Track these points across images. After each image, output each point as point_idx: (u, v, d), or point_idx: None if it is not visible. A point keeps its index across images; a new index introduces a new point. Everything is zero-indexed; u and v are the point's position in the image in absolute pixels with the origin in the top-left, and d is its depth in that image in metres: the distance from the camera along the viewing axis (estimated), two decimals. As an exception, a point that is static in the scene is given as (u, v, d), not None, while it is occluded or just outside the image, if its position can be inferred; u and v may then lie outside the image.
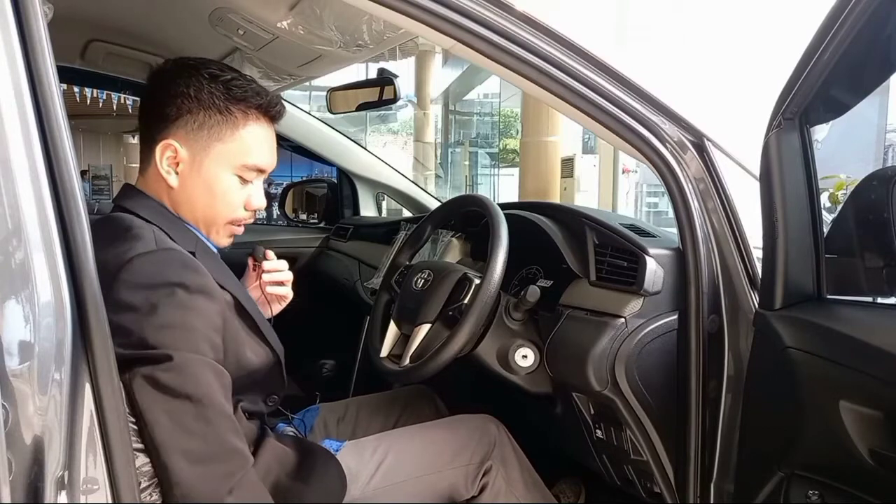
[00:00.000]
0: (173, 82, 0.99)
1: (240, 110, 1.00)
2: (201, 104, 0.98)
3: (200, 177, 1.00)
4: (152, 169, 1.01)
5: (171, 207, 1.02)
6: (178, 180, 1.00)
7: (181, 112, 0.98)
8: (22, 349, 0.64)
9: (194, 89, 0.98)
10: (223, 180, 1.01)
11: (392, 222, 2.26)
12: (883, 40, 0.85)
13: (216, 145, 0.99)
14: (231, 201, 1.02)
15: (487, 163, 18.23)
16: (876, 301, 0.99)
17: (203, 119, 0.98)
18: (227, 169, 1.01)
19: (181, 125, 0.98)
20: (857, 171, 1.24)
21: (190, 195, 1.01)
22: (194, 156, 0.99)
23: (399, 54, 7.19)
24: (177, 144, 0.98)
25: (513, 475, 1.25)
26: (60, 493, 0.66)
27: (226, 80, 0.99)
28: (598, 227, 1.28)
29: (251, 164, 1.02)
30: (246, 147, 1.01)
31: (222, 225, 1.04)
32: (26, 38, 0.67)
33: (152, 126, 1.00)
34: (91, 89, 6.56)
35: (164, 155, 0.99)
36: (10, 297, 0.63)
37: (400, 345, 1.38)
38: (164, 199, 1.02)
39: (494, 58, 1.04)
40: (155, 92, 1.00)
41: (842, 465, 0.89)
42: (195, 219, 1.03)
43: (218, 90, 0.98)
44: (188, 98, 0.98)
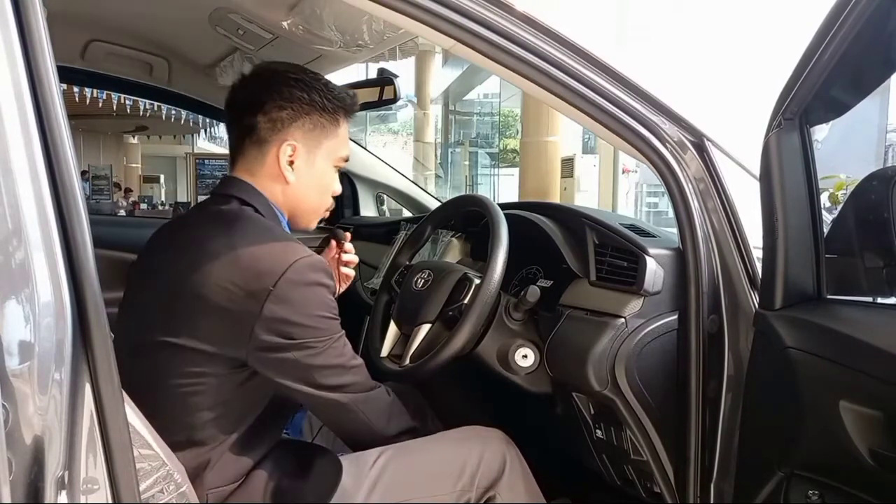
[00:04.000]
0: (284, 89, 1.09)
1: (340, 111, 1.13)
2: (314, 107, 1.10)
3: (313, 172, 1.13)
4: (267, 168, 1.10)
5: (283, 201, 1.12)
6: (294, 176, 1.10)
7: (297, 115, 1.09)
8: (22, 349, 0.64)
9: (307, 94, 1.09)
10: (328, 173, 1.15)
11: (392, 222, 2.26)
12: (883, 40, 0.85)
13: (325, 142, 1.13)
14: (331, 190, 1.18)
15: (487, 163, 18.25)
16: (876, 301, 0.99)
17: (316, 120, 1.11)
18: (331, 162, 1.15)
19: (298, 126, 1.10)
20: (857, 171, 1.24)
21: (302, 188, 1.12)
22: (308, 153, 1.11)
23: (399, 54, 7.19)
24: (297, 144, 1.09)
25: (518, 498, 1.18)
26: (60, 493, 0.66)
27: (325, 83, 1.12)
28: (598, 227, 1.28)
29: (344, 155, 1.17)
30: (343, 141, 1.16)
31: (321, 212, 1.19)
32: (26, 38, 0.67)
33: (262, 129, 1.09)
34: (91, 89, 6.56)
35: (285, 154, 1.09)
36: (10, 297, 0.63)
37: (400, 345, 1.38)
38: (278, 194, 1.12)
39: (494, 58, 1.04)
40: (260, 98, 1.09)
41: (842, 465, 0.89)
42: (300, 209, 1.15)
43: (325, 95, 1.11)
44: (302, 102, 1.09)
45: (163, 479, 0.85)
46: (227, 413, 1.02)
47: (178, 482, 0.89)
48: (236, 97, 1.13)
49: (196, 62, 2.17)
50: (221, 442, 1.02)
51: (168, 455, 0.87)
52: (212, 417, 1.01)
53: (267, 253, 0.99)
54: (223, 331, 0.97)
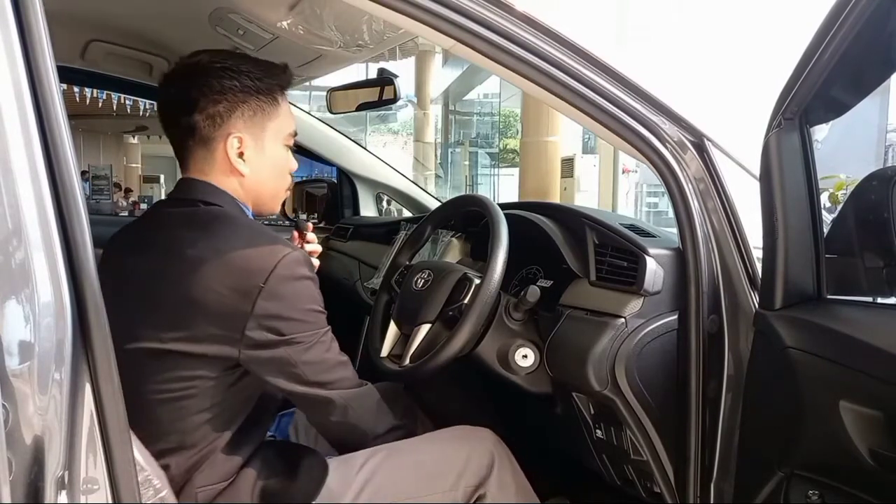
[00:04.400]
0: (213, 81, 1.04)
1: (276, 88, 1.09)
2: (249, 93, 1.06)
3: (265, 157, 1.09)
4: (219, 165, 1.07)
5: (243, 194, 1.10)
6: (248, 168, 1.07)
7: (234, 105, 1.05)
8: (22, 349, 0.64)
9: (237, 81, 1.05)
10: (280, 154, 1.12)
11: (392, 222, 2.26)
12: (883, 40, 0.85)
13: (270, 124, 1.09)
14: (288, 170, 1.15)
15: (487, 163, 18.25)
16: (876, 301, 0.99)
17: (255, 106, 1.07)
18: (280, 142, 1.11)
19: (237, 116, 1.06)
20: (857, 171, 1.24)
21: (260, 177, 1.09)
22: (256, 140, 1.08)
23: (399, 54, 7.20)
24: (242, 135, 1.06)
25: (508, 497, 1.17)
26: (60, 493, 0.66)
27: (252, 62, 1.08)
28: (598, 227, 1.28)
29: (292, 131, 1.13)
30: (286, 118, 1.12)
31: (281, 195, 1.16)
32: (26, 38, 0.67)
33: (203, 127, 1.05)
34: (91, 89, 6.57)
35: (233, 148, 1.06)
36: (10, 297, 0.63)
37: (400, 345, 1.38)
38: (237, 188, 1.09)
39: (494, 58, 1.04)
40: (191, 95, 1.04)
41: (842, 465, 0.89)
42: (262, 197, 1.12)
43: (255, 76, 1.06)
44: (235, 90, 1.04)
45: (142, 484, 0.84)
46: (218, 415, 1.02)
47: (158, 487, 0.89)
48: (167, 98, 1.08)
49: (196, 62, 2.17)
50: (211, 443, 1.02)
51: (148, 460, 0.88)
52: (202, 420, 1.01)
53: (254, 252, 0.98)
54: (216, 332, 0.97)
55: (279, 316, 0.97)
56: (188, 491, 0.99)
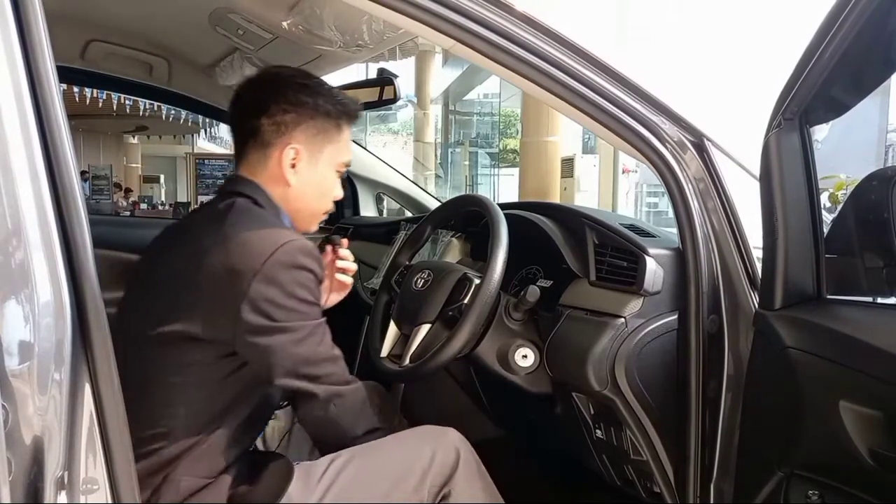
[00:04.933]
0: (289, 92, 1.11)
1: (344, 117, 1.15)
2: (318, 112, 1.12)
3: (315, 175, 1.14)
4: (270, 170, 1.12)
5: (283, 200, 1.14)
6: (296, 179, 1.12)
7: (301, 119, 1.11)
8: (22, 349, 0.64)
9: (312, 99, 1.11)
10: (330, 177, 1.17)
11: (392, 222, 2.26)
12: (883, 40, 0.85)
13: (328, 147, 1.14)
14: (332, 194, 1.19)
15: (487, 163, 18.23)
16: (876, 301, 0.99)
17: (320, 125, 1.13)
18: (333, 167, 1.16)
19: (302, 130, 1.11)
20: (857, 171, 1.24)
21: (303, 191, 1.14)
22: (311, 157, 1.13)
23: (399, 54, 7.17)
24: (300, 147, 1.11)
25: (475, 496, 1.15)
26: (60, 493, 0.66)
27: (329, 89, 1.15)
28: (598, 227, 1.28)
29: (346, 160, 1.19)
30: (345, 147, 1.18)
31: (320, 215, 1.20)
32: (26, 38, 0.67)
33: (267, 131, 1.11)
34: (91, 89, 6.56)
35: (287, 157, 1.11)
36: (10, 297, 0.63)
37: (400, 345, 1.38)
38: (278, 194, 1.13)
39: (494, 58, 1.04)
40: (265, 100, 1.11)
41: (842, 465, 0.89)
42: (299, 211, 1.16)
43: (329, 100, 1.13)
44: (307, 106, 1.11)
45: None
46: (210, 407, 1.04)
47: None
48: (241, 99, 1.15)
49: (196, 62, 2.17)
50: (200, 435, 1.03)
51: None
52: (195, 410, 1.03)
53: (257, 236, 1.01)
54: (213, 312, 0.99)
55: (272, 301, 0.98)
56: (173, 477, 1.01)
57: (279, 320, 0.99)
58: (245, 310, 0.97)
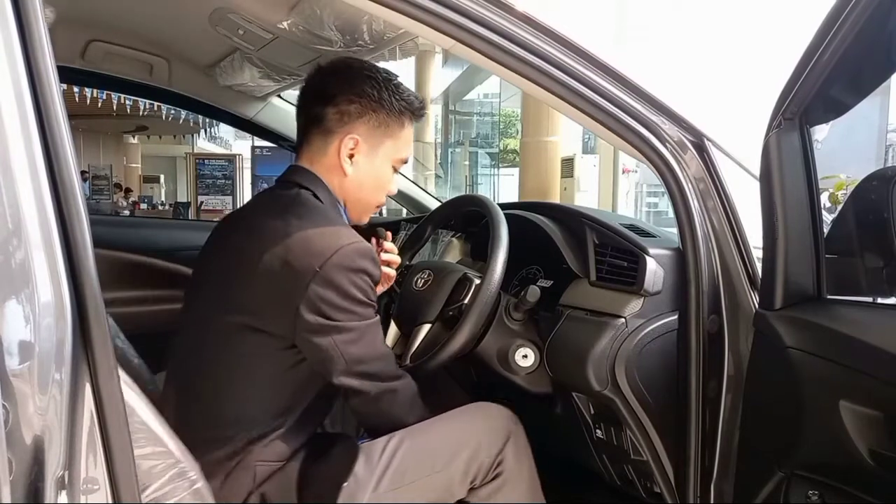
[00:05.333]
0: (357, 83, 1.12)
1: (407, 113, 1.16)
2: (382, 105, 1.13)
3: (371, 167, 1.16)
4: (329, 158, 1.14)
5: (339, 191, 1.16)
6: (353, 169, 1.14)
7: (365, 111, 1.12)
8: (22, 349, 0.64)
9: (377, 92, 1.12)
10: (386, 171, 1.18)
11: (392, 222, 2.26)
12: (883, 40, 0.85)
13: (387, 141, 1.15)
14: (386, 189, 1.20)
15: (487, 163, 18.22)
16: (876, 301, 0.99)
17: (383, 118, 1.13)
18: (390, 161, 1.18)
19: (364, 122, 1.13)
20: (857, 171, 1.24)
21: (360, 182, 1.15)
22: (370, 149, 1.14)
23: (399, 54, 7.18)
24: (360, 138, 1.12)
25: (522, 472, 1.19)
26: (60, 493, 0.66)
27: (396, 84, 1.15)
28: (598, 227, 1.28)
29: (405, 157, 1.20)
30: (405, 143, 1.19)
31: (373, 207, 1.22)
32: (26, 38, 0.67)
33: (330, 119, 1.12)
34: (91, 89, 6.56)
35: (346, 147, 1.12)
36: (10, 297, 0.63)
37: (400, 345, 1.38)
38: (335, 184, 1.15)
39: (494, 58, 1.04)
40: (333, 89, 1.13)
41: (842, 465, 0.89)
42: (356, 201, 1.17)
43: (394, 95, 1.14)
44: (372, 99, 1.12)
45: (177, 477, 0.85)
46: (279, 395, 1.08)
47: (193, 479, 0.89)
48: (309, 87, 1.17)
49: (196, 62, 2.17)
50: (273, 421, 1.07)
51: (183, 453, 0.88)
52: (264, 397, 1.07)
53: (318, 235, 1.04)
54: (273, 308, 1.02)
55: (330, 302, 1.01)
56: (247, 461, 1.04)
57: (336, 320, 1.02)
58: (303, 309, 1.00)
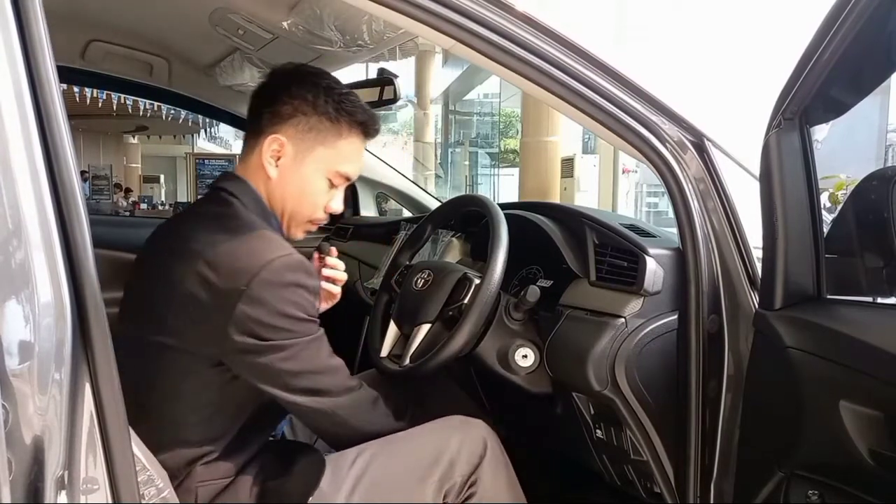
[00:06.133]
0: (293, 85, 1.09)
1: (346, 122, 1.10)
2: (315, 109, 1.08)
3: (298, 174, 1.09)
4: (255, 158, 1.10)
5: (265, 195, 1.10)
6: (277, 173, 1.09)
7: (296, 113, 1.08)
8: (22, 349, 0.64)
9: (312, 95, 1.08)
10: (316, 181, 1.11)
11: (392, 222, 2.26)
12: (883, 40, 0.85)
13: (318, 148, 1.09)
14: (317, 201, 1.12)
15: (487, 163, 18.24)
16: (876, 301, 0.98)
17: (314, 123, 1.08)
18: (322, 172, 1.11)
19: (293, 124, 1.08)
20: (857, 171, 1.24)
21: (284, 188, 1.10)
22: (297, 153, 1.09)
23: (399, 54, 7.18)
24: (284, 140, 1.08)
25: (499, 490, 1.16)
26: (60, 493, 0.66)
27: (339, 92, 1.10)
28: (598, 227, 1.28)
29: (343, 171, 1.12)
30: (342, 155, 1.11)
31: (302, 221, 1.14)
32: (26, 38, 0.67)
33: (264, 120, 1.09)
34: (91, 89, 6.57)
35: (270, 147, 1.08)
36: (10, 297, 0.63)
37: (400, 345, 1.38)
38: (261, 187, 1.10)
39: (494, 58, 1.04)
40: (273, 91, 1.10)
41: (842, 465, 0.89)
42: (281, 210, 1.11)
43: (332, 100, 1.09)
44: (305, 101, 1.08)
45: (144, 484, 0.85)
46: (218, 412, 1.03)
47: (160, 487, 0.89)
48: (257, 90, 1.15)
49: (196, 62, 2.17)
50: (213, 439, 1.03)
51: (150, 460, 0.88)
52: (203, 416, 1.02)
53: (244, 251, 0.97)
54: (200, 329, 0.97)
55: (259, 321, 0.95)
56: (188, 485, 1.00)
57: (269, 339, 0.96)
58: (232, 331, 0.94)
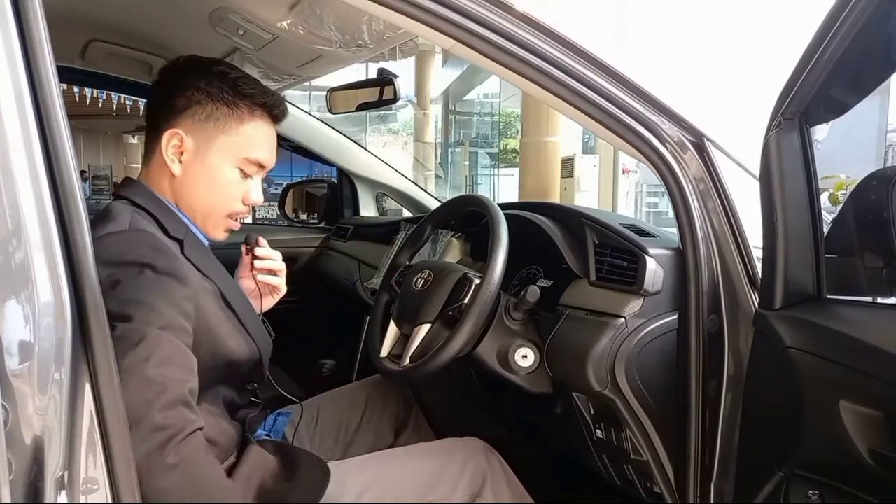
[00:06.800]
0: (184, 76, 1.03)
1: (246, 105, 1.03)
2: (210, 97, 1.02)
3: (203, 167, 1.03)
4: (156, 158, 1.03)
5: (172, 197, 1.04)
6: (181, 169, 1.02)
7: (190, 103, 1.01)
8: (22, 349, 0.64)
9: (205, 83, 1.02)
10: (225, 172, 1.04)
11: (392, 222, 2.26)
12: (883, 40, 0.85)
13: (220, 137, 1.03)
14: (230, 193, 1.05)
15: (487, 163, 18.24)
16: (876, 301, 0.98)
17: (210, 111, 1.02)
18: (230, 161, 1.04)
19: (189, 115, 1.01)
20: (857, 171, 1.24)
21: (192, 184, 1.03)
22: (199, 146, 1.02)
23: (399, 54, 7.20)
24: (183, 133, 1.01)
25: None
26: (60, 493, 0.66)
27: (234, 77, 1.04)
28: (598, 227, 1.28)
29: (253, 157, 1.05)
30: (248, 141, 1.04)
31: (220, 217, 1.07)
32: (26, 38, 0.67)
33: (160, 116, 1.03)
34: (91, 89, 6.58)
35: (169, 143, 1.01)
36: (10, 297, 0.63)
37: (400, 345, 1.38)
38: (166, 188, 1.03)
39: (494, 58, 1.04)
40: (165, 85, 1.04)
41: (842, 465, 0.89)
42: (193, 209, 1.05)
43: (227, 85, 1.02)
44: (198, 90, 1.01)
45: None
46: None
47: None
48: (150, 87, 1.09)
49: (196, 62, 2.17)
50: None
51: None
52: None
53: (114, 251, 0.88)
54: None
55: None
56: None
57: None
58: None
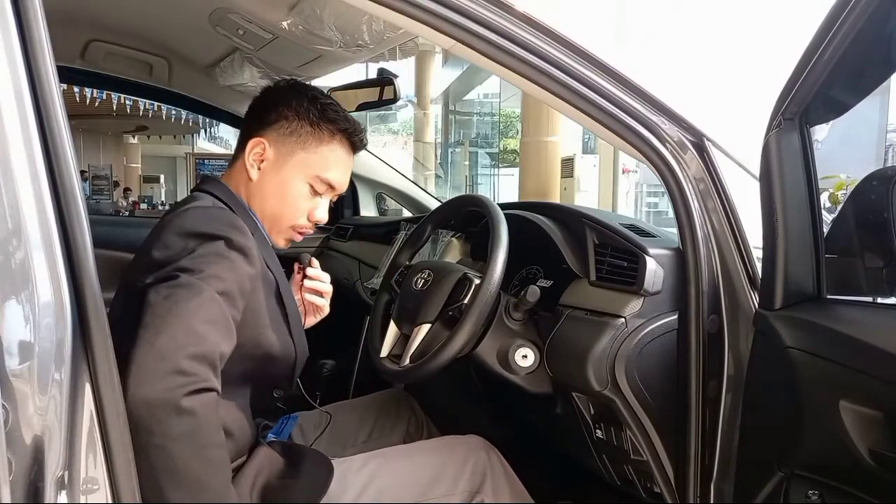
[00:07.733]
0: (281, 95, 1.14)
1: (328, 129, 1.13)
2: (297, 114, 1.12)
3: (279, 176, 1.11)
4: (239, 163, 1.13)
5: (246, 199, 1.13)
6: (258, 175, 1.11)
7: (279, 118, 1.12)
8: (22, 349, 0.64)
9: (296, 102, 1.12)
10: (296, 185, 1.12)
11: (392, 222, 2.26)
12: (883, 40, 0.85)
13: (299, 152, 1.12)
14: (298, 206, 1.13)
15: (487, 163, 18.25)
16: (876, 301, 0.99)
17: (295, 127, 1.11)
18: (303, 176, 1.12)
19: (275, 129, 1.12)
20: (857, 171, 1.24)
21: (264, 190, 1.12)
22: (278, 157, 1.11)
23: (399, 54, 7.19)
24: (266, 143, 1.11)
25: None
26: (60, 493, 0.66)
27: (324, 102, 1.13)
28: (598, 226, 1.28)
29: (325, 177, 1.13)
30: (324, 161, 1.13)
31: (285, 226, 1.15)
32: (26, 38, 0.67)
33: (251, 126, 1.14)
34: (91, 89, 6.58)
35: (252, 150, 1.11)
36: (10, 297, 0.63)
37: (400, 345, 1.38)
38: (242, 190, 1.13)
39: (494, 58, 1.04)
40: (263, 100, 1.16)
41: (842, 465, 0.89)
42: (263, 213, 1.13)
43: (315, 108, 1.12)
44: (288, 108, 1.12)
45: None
46: None
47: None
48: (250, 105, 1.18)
49: (196, 62, 2.17)
50: None
51: None
52: None
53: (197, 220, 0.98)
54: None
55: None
56: None
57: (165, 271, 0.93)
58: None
